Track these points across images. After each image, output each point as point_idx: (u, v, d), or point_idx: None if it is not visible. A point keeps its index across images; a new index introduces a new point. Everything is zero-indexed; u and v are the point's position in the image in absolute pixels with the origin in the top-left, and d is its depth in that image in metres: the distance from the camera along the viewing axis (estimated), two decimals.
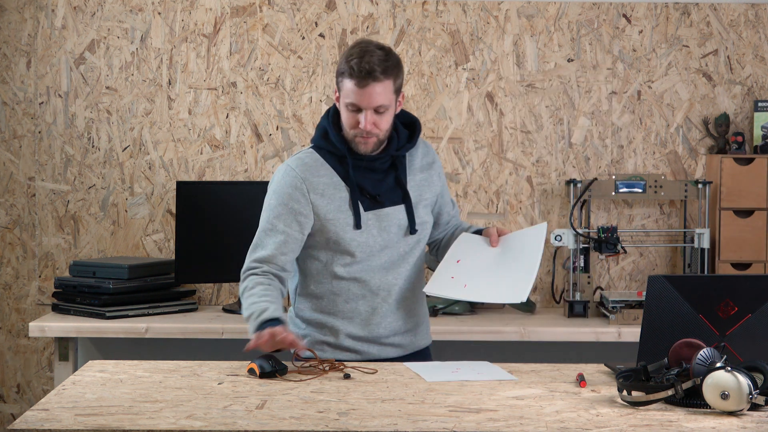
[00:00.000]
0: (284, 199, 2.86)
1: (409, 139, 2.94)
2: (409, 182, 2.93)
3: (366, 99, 2.79)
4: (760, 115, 4.19)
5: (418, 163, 2.97)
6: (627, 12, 4.27)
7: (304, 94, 4.26)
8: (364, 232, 2.85)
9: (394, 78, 2.82)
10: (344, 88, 2.81)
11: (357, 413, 2.20)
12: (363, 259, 2.86)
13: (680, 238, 4.27)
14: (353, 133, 2.84)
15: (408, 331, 2.94)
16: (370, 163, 2.88)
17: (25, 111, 4.25)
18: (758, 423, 2.14)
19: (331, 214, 2.85)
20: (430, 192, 2.97)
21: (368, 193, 2.88)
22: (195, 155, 4.26)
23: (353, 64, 2.78)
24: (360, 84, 2.78)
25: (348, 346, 2.89)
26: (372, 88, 2.78)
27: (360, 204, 2.86)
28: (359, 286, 2.87)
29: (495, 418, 2.17)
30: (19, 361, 4.31)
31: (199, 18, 4.25)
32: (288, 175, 2.87)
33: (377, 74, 2.77)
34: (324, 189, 2.86)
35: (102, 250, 4.26)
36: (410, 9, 4.25)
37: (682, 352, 2.35)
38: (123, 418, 2.14)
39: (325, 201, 2.85)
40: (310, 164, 2.88)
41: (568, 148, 4.29)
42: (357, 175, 2.88)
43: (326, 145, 2.89)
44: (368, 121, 2.80)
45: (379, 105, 2.80)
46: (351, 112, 2.82)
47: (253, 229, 4.07)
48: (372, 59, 2.78)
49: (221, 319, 3.94)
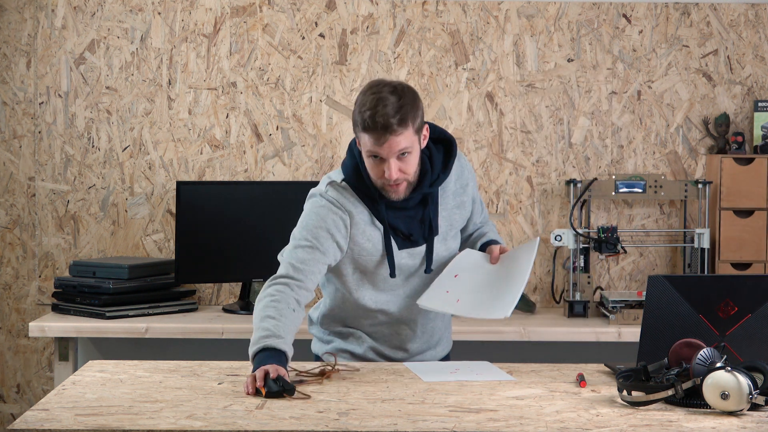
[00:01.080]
0: (326, 225, 2.73)
1: (443, 166, 2.80)
2: (441, 213, 2.84)
3: (386, 150, 2.65)
4: (760, 115, 4.19)
5: (452, 188, 2.86)
6: (627, 12, 4.27)
7: (304, 94, 4.26)
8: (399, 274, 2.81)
9: (412, 123, 2.66)
10: (362, 140, 2.68)
11: (357, 413, 2.20)
12: (385, 290, 2.84)
13: (680, 238, 4.27)
14: (381, 182, 2.71)
15: (430, 349, 2.95)
16: (403, 203, 2.77)
17: (25, 111, 4.25)
18: (758, 423, 2.14)
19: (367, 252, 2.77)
20: (460, 218, 2.89)
21: (401, 233, 2.79)
22: (195, 155, 4.26)
23: (367, 118, 2.63)
24: (378, 140, 2.64)
25: (371, 359, 2.88)
26: (390, 141, 2.64)
27: (394, 243, 2.78)
28: (384, 315, 2.86)
29: (495, 418, 2.17)
30: (19, 361, 4.31)
31: (199, 18, 4.25)
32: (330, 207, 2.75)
33: (394, 127, 2.62)
34: (364, 225, 2.76)
35: (102, 250, 4.26)
36: (410, 9, 4.25)
37: (682, 352, 2.35)
38: (123, 418, 2.14)
39: (365, 237, 2.76)
40: (350, 198, 2.76)
41: (568, 148, 4.29)
42: (390, 215, 2.77)
43: (358, 184, 2.76)
44: (393, 170, 2.66)
45: (401, 150, 2.66)
46: (373, 161, 2.69)
47: (253, 229, 4.09)
48: (386, 111, 2.62)
49: (221, 319, 3.94)
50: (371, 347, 2.89)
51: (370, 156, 2.69)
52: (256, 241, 4.08)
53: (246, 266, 4.11)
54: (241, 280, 4.15)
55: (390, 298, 2.84)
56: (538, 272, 4.30)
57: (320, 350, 2.96)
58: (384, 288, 2.83)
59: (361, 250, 2.77)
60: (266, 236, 4.08)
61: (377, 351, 2.89)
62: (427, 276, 2.85)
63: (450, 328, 3.04)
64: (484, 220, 3.05)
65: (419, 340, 2.91)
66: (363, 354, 2.89)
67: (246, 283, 4.13)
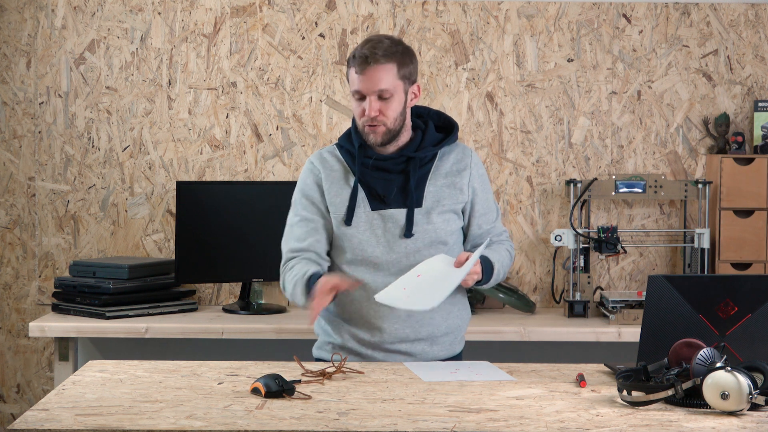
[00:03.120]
0: (305, 191, 2.91)
1: (438, 142, 2.89)
2: (428, 186, 2.86)
3: (367, 83, 2.77)
4: (760, 115, 4.19)
5: (446, 169, 2.90)
6: (627, 12, 4.27)
7: (304, 94, 4.26)
8: (365, 231, 2.84)
9: (398, 63, 2.78)
10: (350, 79, 2.83)
11: (357, 413, 2.20)
12: (365, 259, 2.84)
13: (680, 238, 4.27)
14: (362, 122, 2.83)
15: (420, 340, 2.87)
16: (382, 163, 2.85)
17: (25, 111, 4.25)
18: (758, 423, 2.14)
19: (333, 207, 2.86)
20: (451, 199, 2.88)
21: (376, 193, 2.85)
22: (195, 155, 4.26)
23: (356, 51, 2.80)
24: (360, 69, 2.78)
25: (352, 348, 2.87)
26: (372, 71, 2.76)
27: (368, 203, 2.85)
28: (362, 287, 2.83)
29: (495, 418, 2.17)
30: (19, 361, 4.31)
31: (199, 18, 4.25)
32: (307, 168, 2.94)
33: (378, 57, 2.76)
34: (333, 182, 2.87)
35: (102, 250, 4.26)
36: (410, 9, 4.25)
37: (682, 352, 2.35)
38: (123, 418, 2.14)
39: (333, 194, 2.87)
40: (327, 159, 2.92)
41: (568, 148, 4.29)
42: (367, 175, 2.86)
43: (346, 143, 2.91)
44: (372, 108, 2.77)
45: (381, 89, 2.77)
46: (357, 101, 2.82)
47: (253, 229, 4.09)
48: (374, 45, 2.78)
49: (221, 319, 3.94)
50: (352, 336, 2.87)
51: (354, 96, 2.82)
52: (256, 241, 4.09)
53: (246, 266, 4.11)
54: (241, 280, 4.15)
55: (367, 270, 2.84)
56: (538, 272, 4.30)
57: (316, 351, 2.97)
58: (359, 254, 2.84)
59: (331, 206, 2.85)
60: (266, 236, 4.08)
61: (358, 339, 2.87)
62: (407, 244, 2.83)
63: (458, 330, 2.96)
64: (494, 230, 2.99)
65: (403, 324, 2.84)
66: (344, 344, 2.88)
67: (246, 283, 4.13)
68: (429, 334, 2.89)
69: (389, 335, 2.85)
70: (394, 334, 2.86)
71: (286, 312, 4.10)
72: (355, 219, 2.84)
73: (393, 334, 2.86)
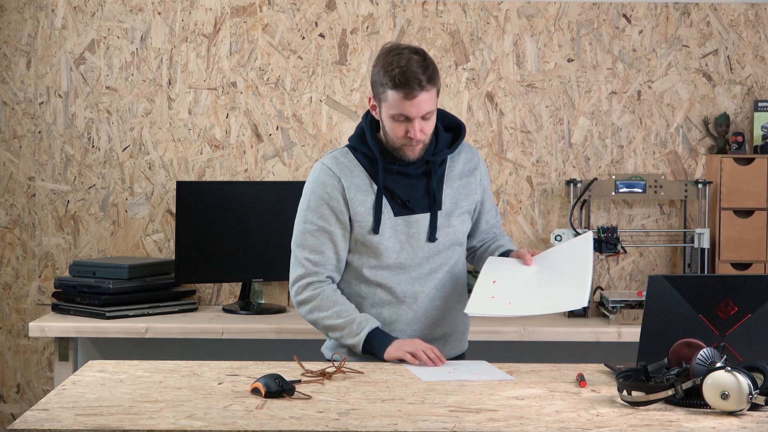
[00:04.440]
0: (326, 199, 2.84)
1: (450, 144, 2.90)
2: (445, 189, 2.88)
3: (415, 109, 2.74)
4: (760, 115, 4.19)
5: (459, 170, 2.92)
6: (627, 12, 4.27)
7: (304, 94, 4.26)
8: (390, 237, 2.83)
9: (437, 83, 2.78)
10: (388, 100, 2.75)
11: (357, 413, 2.20)
12: (389, 264, 2.84)
13: (680, 238, 4.27)
14: (402, 142, 2.79)
15: (434, 340, 2.89)
16: (403, 168, 2.84)
17: (25, 111, 4.25)
18: (758, 423, 2.14)
19: (360, 216, 2.83)
20: (467, 200, 2.91)
21: (399, 199, 2.84)
22: (195, 155, 4.26)
23: (396, 75, 2.71)
24: (408, 96, 2.72)
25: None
26: (420, 98, 2.73)
27: (391, 209, 2.84)
28: (385, 292, 2.85)
29: (495, 418, 2.17)
30: (19, 361, 4.31)
31: (199, 18, 4.25)
32: (325, 174, 2.85)
33: (424, 83, 2.72)
34: (356, 190, 2.83)
35: (102, 250, 4.26)
36: (410, 9, 4.25)
37: (682, 352, 2.35)
38: (123, 418, 2.14)
39: (357, 202, 2.83)
40: (345, 164, 2.86)
41: (568, 148, 4.29)
42: (389, 180, 2.84)
43: (361, 147, 2.86)
44: (418, 130, 2.76)
45: (428, 112, 2.76)
46: (398, 122, 2.77)
47: (253, 229, 4.09)
48: (415, 68, 2.72)
49: (221, 319, 3.94)
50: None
51: (394, 117, 2.76)
52: (256, 241, 4.09)
53: (246, 266, 4.11)
54: (241, 280, 4.15)
55: (391, 273, 2.84)
56: None
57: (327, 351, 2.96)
58: (384, 260, 2.84)
59: (356, 215, 2.82)
60: (266, 236, 4.08)
61: None
62: (431, 248, 2.85)
63: (464, 328, 2.98)
64: (497, 224, 3.05)
65: (420, 325, 2.87)
66: None
67: (246, 283, 4.13)
68: (444, 333, 2.92)
69: (408, 336, 2.87)
70: (412, 336, 2.88)
71: (286, 312, 4.10)
72: (381, 226, 2.83)
73: (411, 335, 2.88)
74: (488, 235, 3.03)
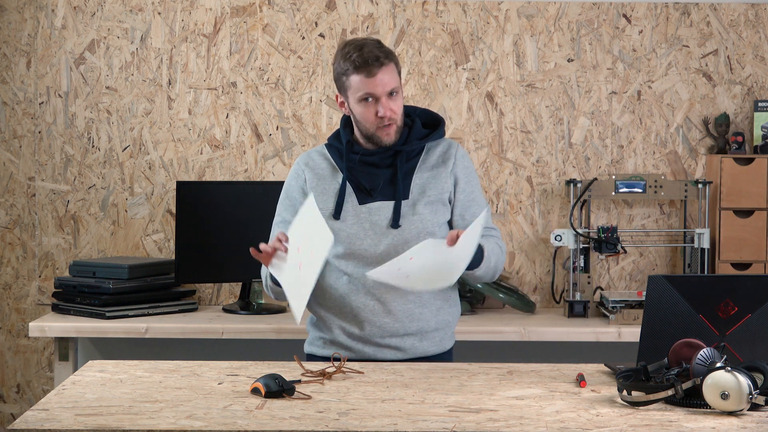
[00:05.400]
0: (288, 192, 3.00)
1: (425, 137, 2.94)
2: (415, 179, 2.91)
3: (380, 87, 2.83)
4: (760, 115, 4.19)
5: (432, 161, 2.95)
6: (627, 12, 4.27)
7: (304, 94, 4.26)
8: (353, 225, 2.87)
9: (395, 62, 2.88)
10: (352, 85, 2.85)
11: (357, 413, 2.20)
12: (354, 252, 2.87)
13: (680, 238, 4.27)
14: (374, 125, 2.86)
15: (410, 335, 2.88)
16: (369, 158, 2.90)
17: (25, 111, 4.25)
18: (758, 423, 2.14)
19: (322, 203, 2.88)
20: (435, 189, 2.91)
21: (363, 187, 2.90)
22: (195, 155, 4.26)
23: (355, 58, 2.83)
24: (369, 74, 2.82)
25: (342, 342, 2.89)
26: (382, 72, 2.82)
27: (356, 198, 2.89)
28: (351, 281, 2.87)
29: (495, 418, 2.17)
30: (19, 361, 4.31)
31: (199, 18, 4.25)
32: (293, 169, 3.02)
33: (382, 59, 2.83)
34: (319, 180, 2.93)
35: (102, 250, 4.26)
36: (410, 9, 4.25)
37: (682, 352, 2.35)
38: (123, 418, 2.14)
39: (319, 191, 2.91)
40: (315, 157, 2.99)
41: (568, 148, 4.29)
42: (355, 171, 2.91)
43: (335, 142, 2.97)
44: (387, 108, 2.83)
45: (393, 88, 2.84)
46: (366, 106, 2.85)
47: (253, 229, 4.09)
48: (370, 48, 2.84)
49: (221, 319, 3.94)
50: (342, 329, 2.89)
51: (362, 100, 2.85)
52: (256, 241, 4.05)
53: (246, 266, 4.09)
54: (241, 280, 4.15)
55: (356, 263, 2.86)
56: (538, 272, 4.30)
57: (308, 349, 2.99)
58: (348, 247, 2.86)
59: (319, 203, 2.84)
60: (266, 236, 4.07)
61: (347, 333, 2.88)
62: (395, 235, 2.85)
63: (448, 326, 2.96)
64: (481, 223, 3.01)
65: (392, 318, 2.86)
66: (334, 338, 2.90)
67: (246, 283, 4.13)
68: (418, 329, 2.89)
69: (379, 329, 2.86)
70: (383, 328, 2.86)
71: (286, 312, 4.10)
72: (344, 213, 2.89)
73: (382, 327, 2.86)
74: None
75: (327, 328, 2.92)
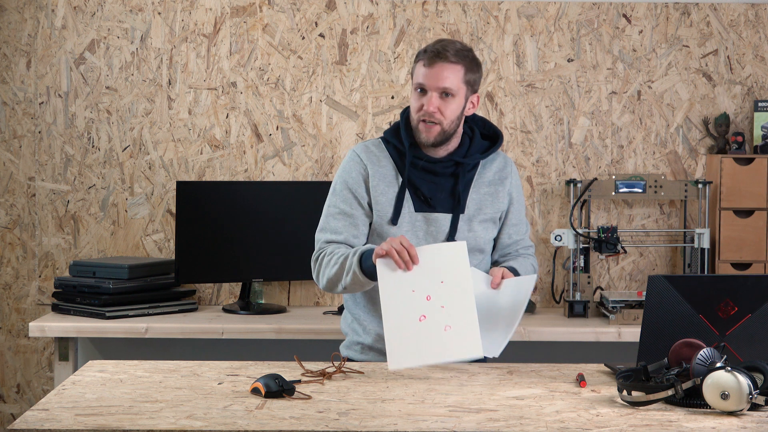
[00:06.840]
0: (349, 183, 2.88)
1: (484, 150, 2.90)
2: (471, 194, 2.88)
3: (433, 79, 2.77)
4: (760, 115, 4.19)
5: (489, 177, 2.92)
6: (627, 12, 4.27)
7: (304, 94, 4.26)
8: (407, 232, 2.83)
9: (466, 67, 2.80)
10: (415, 73, 2.81)
11: (357, 413, 2.20)
12: None
13: (680, 238, 4.27)
14: (418, 117, 2.81)
15: None
16: (430, 165, 2.85)
17: (25, 111, 4.25)
18: (758, 423, 2.14)
19: (380, 205, 2.85)
20: (492, 208, 2.90)
21: (422, 195, 2.85)
22: (195, 155, 4.26)
23: (428, 47, 2.81)
24: (429, 63, 2.78)
25: (381, 349, 2.85)
26: (440, 67, 2.77)
27: (412, 204, 2.85)
28: None
29: (495, 418, 2.17)
30: (19, 361, 4.31)
31: (199, 18, 4.25)
32: (352, 159, 2.90)
33: (448, 55, 2.77)
34: (380, 179, 2.86)
35: (102, 250, 4.26)
36: (410, 9, 4.25)
37: (682, 352, 2.35)
38: (123, 418, 2.14)
39: (379, 191, 2.86)
40: (375, 153, 2.90)
41: (568, 148, 4.29)
42: (415, 176, 2.86)
43: (393, 140, 2.89)
44: (432, 103, 2.77)
45: (445, 87, 2.77)
46: (417, 96, 2.81)
47: (253, 229, 4.09)
48: (447, 44, 2.79)
49: (221, 319, 3.94)
50: (378, 333, 2.87)
51: (415, 89, 2.80)
52: (256, 241, 4.09)
53: (246, 266, 4.11)
54: (241, 280, 4.15)
55: None
56: (538, 272, 4.29)
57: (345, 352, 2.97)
58: None
59: (376, 204, 2.83)
60: (266, 236, 4.08)
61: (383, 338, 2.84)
62: None
63: None
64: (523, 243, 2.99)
65: None
66: (371, 344, 2.89)
67: (246, 283, 4.13)
68: None
69: None
70: None
71: (286, 312, 4.10)
72: (400, 219, 2.85)
73: None
74: (509, 250, 2.98)
75: (366, 334, 2.91)
